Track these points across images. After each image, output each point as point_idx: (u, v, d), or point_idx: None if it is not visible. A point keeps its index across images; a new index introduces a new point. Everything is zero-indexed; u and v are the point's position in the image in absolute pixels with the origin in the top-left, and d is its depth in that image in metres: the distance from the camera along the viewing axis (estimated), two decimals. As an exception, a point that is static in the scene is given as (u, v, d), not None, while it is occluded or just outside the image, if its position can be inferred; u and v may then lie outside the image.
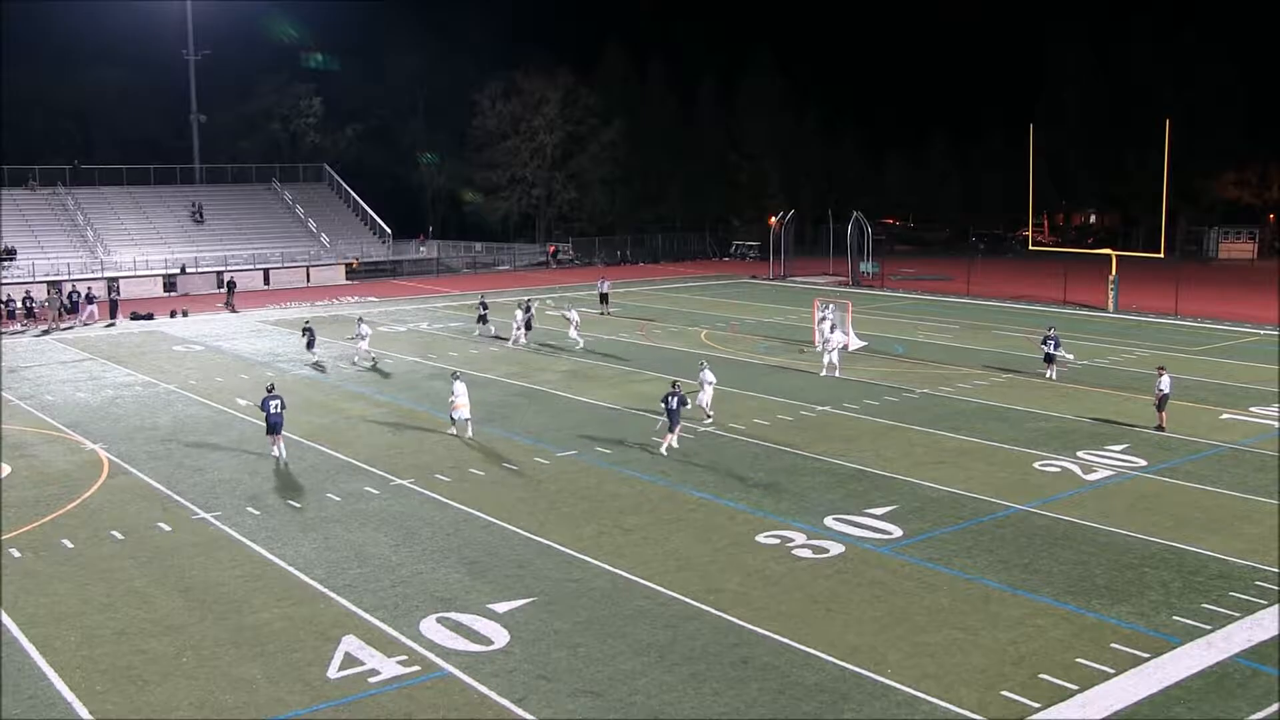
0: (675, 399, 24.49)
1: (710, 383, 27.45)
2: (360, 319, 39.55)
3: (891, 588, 16.68)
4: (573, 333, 39.73)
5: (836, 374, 33.54)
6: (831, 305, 39.77)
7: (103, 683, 13.85)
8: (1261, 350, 38.95)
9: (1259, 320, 46.34)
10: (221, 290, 57.99)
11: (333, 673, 14.02)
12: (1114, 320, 47.67)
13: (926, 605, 16.01)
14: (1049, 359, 33.28)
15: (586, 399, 30.88)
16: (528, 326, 40.76)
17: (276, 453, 24.23)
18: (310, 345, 37.52)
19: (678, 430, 24.83)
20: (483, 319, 43.13)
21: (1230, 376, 33.91)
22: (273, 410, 23.96)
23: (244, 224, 71.60)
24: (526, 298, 46.16)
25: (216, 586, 17.02)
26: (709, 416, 27.34)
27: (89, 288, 53.76)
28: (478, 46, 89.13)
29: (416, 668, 14.13)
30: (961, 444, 25.41)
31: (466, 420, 26.32)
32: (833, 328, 36.38)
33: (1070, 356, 35.02)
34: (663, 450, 24.54)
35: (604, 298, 50.97)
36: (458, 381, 26.67)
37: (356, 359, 37.10)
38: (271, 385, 25.47)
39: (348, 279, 67.95)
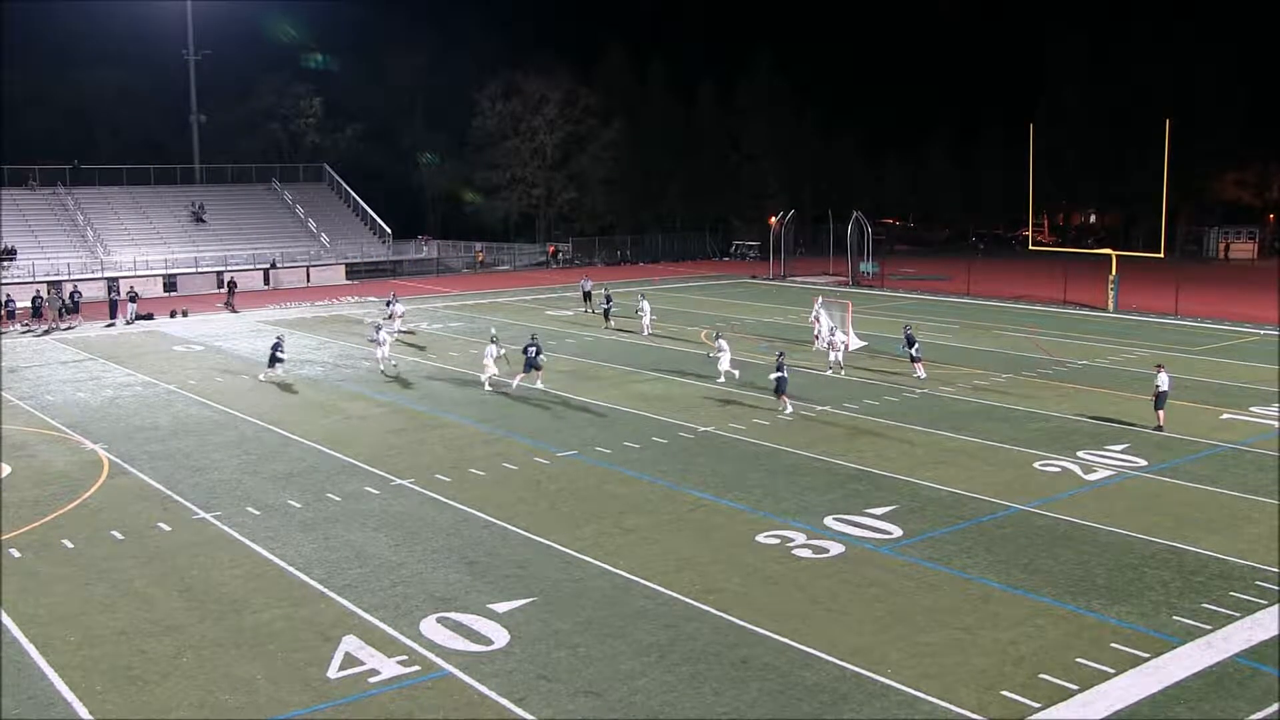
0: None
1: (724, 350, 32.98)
2: (640, 294, 45.33)
3: (891, 588, 16.67)
4: (381, 336, 41.16)
5: (841, 372, 33.72)
6: (821, 301, 39.77)
7: (103, 683, 13.84)
8: (1261, 350, 38.94)
9: (1259, 320, 46.35)
10: (222, 290, 57.99)
11: (333, 673, 14.01)
12: (1114, 320, 47.65)
13: (926, 605, 16.00)
14: (914, 360, 33.07)
15: (586, 399, 30.89)
16: (605, 315, 45.13)
17: (538, 386, 31.45)
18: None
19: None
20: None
21: (1230, 376, 33.90)
22: (531, 354, 31.58)
23: (244, 224, 71.62)
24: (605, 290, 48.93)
25: (216, 586, 17.01)
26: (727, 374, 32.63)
27: (131, 286, 53.98)
28: (478, 46, 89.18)
29: (417, 668, 14.13)
30: (961, 444, 25.40)
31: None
32: (830, 328, 36.39)
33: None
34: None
35: (587, 296, 51.11)
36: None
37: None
38: (534, 335, 33.37)
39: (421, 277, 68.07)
